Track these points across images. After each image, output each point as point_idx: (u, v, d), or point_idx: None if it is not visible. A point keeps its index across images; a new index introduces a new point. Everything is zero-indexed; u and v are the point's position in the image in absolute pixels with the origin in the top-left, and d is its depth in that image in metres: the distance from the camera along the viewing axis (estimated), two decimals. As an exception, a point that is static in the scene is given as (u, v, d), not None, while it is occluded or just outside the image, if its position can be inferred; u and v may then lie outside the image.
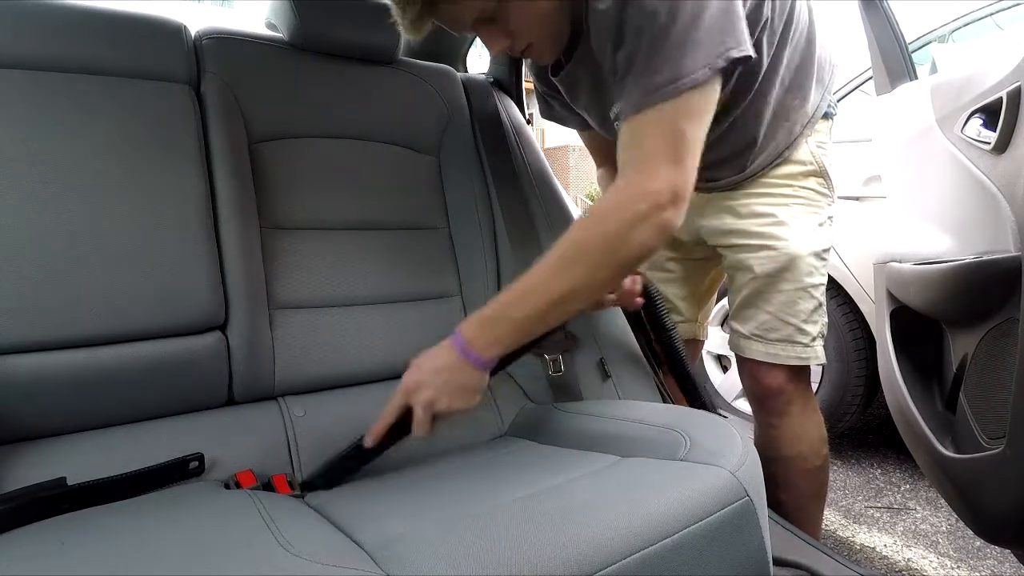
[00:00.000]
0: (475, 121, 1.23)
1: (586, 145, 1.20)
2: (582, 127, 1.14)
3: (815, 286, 1.09)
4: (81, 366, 0.80)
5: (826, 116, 1.10)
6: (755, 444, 1.19)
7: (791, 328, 1.08)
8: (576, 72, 0.96)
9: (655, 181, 0.76)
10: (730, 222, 1.12)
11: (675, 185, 0.77)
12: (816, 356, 1.10)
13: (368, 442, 0.82)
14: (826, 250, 1.11)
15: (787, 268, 1.07)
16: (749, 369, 1.14)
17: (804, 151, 1.08)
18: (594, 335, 1.12)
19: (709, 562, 0.67)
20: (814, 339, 1.10)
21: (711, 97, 0.79)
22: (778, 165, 1.08)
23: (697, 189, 1.11)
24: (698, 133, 0.79)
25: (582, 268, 0.77)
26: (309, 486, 0.85)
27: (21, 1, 0.86)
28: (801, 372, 1.12)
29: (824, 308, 1.12)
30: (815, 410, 1.16)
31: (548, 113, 1.15)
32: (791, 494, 1.15)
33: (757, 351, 1.11)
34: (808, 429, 1.14)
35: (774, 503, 1.17)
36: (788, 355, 1.09)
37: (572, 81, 0.99)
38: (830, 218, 1.12)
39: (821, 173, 1.09)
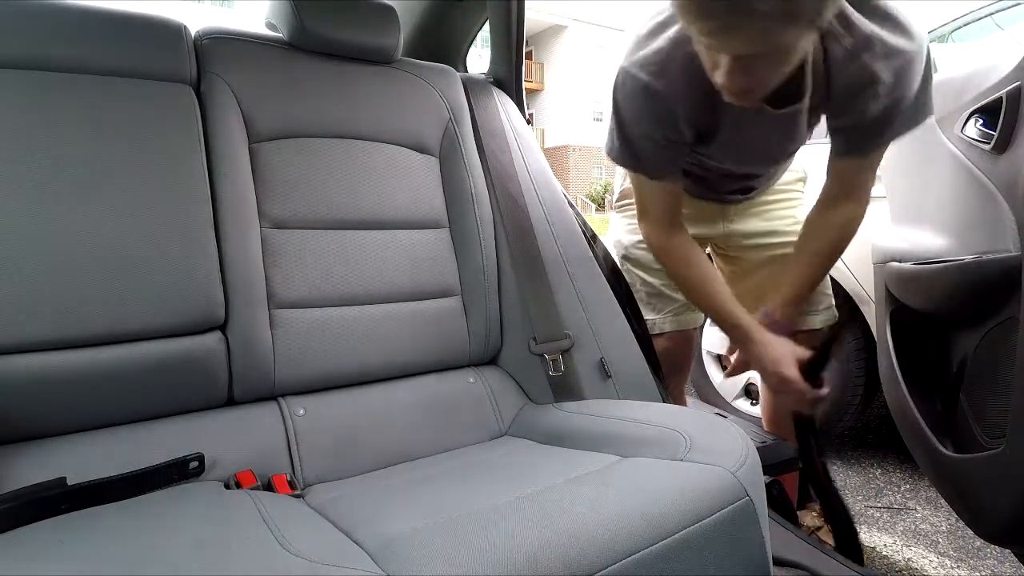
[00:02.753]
0: (475, 121, 1.23)
1: (655, 198, 1.14)
2: (672, 172, 1.11)
3: None
4: (81, 366, 0.80)
5: None
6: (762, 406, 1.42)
7: (821, 296, 1.34)
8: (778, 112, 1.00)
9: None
10: (761, 225, 1.34)
11: None
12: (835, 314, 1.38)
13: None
14: None
15: None
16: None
17: (796, 162, 1.31)
18: (594, 335, 1.12)
19: (709, 562, 0.67)
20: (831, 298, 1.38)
21: None
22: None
23: (727, 201, 1.32)
24: None
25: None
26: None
27: (21, 1, 0.86)
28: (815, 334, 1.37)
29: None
30: None
31: (628, 158, 1.10)
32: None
33: (814, 322, 1.33)
34: None
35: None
36: (823, 319, 1.34)
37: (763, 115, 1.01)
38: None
39: (804, 178, 1.39)
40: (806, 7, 0.75)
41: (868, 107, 0.96)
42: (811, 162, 1.35)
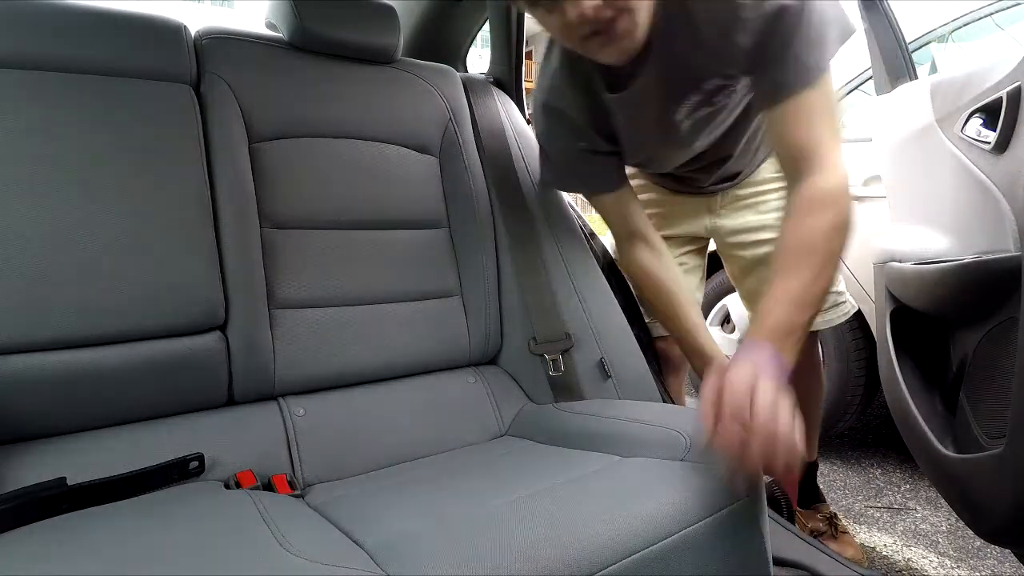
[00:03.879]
0: (475, 121, 1.23)
1: (607, 213, 1.10)
2: (609, 184, 1.07)
3: None
4: (81, 366, 0.80)
5: None
6: None
7: (833, 294, 1.23)
8: (647, 83, 0.93)
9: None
10: (753, 219, 1.21)
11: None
12: (853, 305, 1.29)
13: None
14: None
15: None
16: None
17: None
18: (594, 335, 1.12)
19: (709, 562, 0.67)
20: (844, 291, 1.28)
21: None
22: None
23: (711, 192, 1.21)
24: None
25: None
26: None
27: (21, 1, 0.86)
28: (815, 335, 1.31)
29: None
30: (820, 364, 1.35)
31: (561, 180, 1.10)
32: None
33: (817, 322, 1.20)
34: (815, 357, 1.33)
35: None
36: (829, 318, 1.25)
37: (642, 92, 0.94)
38: None
39: None
40: None
41: (740, 40, 0.84)
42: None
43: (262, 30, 1.12)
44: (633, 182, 1.33)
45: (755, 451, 0.65)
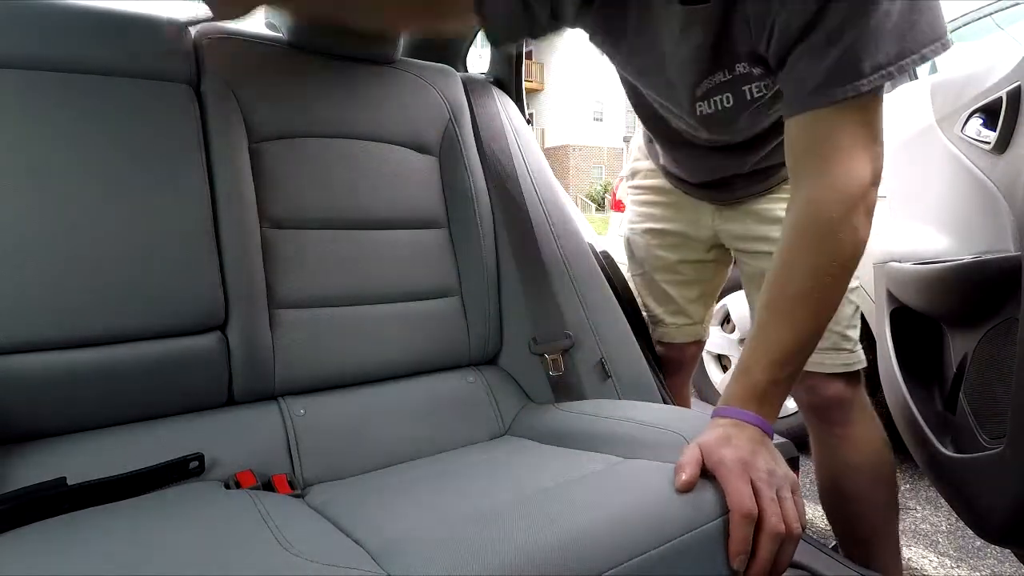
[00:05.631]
0: (475, 121, 1.23)
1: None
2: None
3: (850, 289, 1.04)
4: (81, 366, 0.80)
5: None
6: (817, 461, 1.15)
7: (835, 336, 1.05)
8: (711, 13, 0.76)
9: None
10: (754, 228, 1.10)
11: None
12: (860, 360, 1.08)
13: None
14: None
15: None
16: (803, 380, 1.08)
17: None
18: (594, 335, 1.12)
19: (710, 564, 0.67)
20: (856, 344, 1.07)
21: None
22: None
23: (720, 202, 1.13)
24: None
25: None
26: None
27: (21, 1, 0.86)
28: (857, 376, 1.09)
29: (860, 310, 1.10)
30: (874, 415, 1.12)
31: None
32: (865, 504, 1.10)
33: (809, 361, 1.08)
34: (873, 434, 1.11)
35: (847, 519, 1.12)
36: (835, 363, 1.06)
37: (701, 22, 0.78)
38: None
39: None
40: None
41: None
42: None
43: (262, 30, 1.12)
44: (642, 165, 1.26)
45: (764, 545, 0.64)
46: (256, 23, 1.17)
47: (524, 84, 1.49)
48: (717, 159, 1.04)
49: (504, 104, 1.32)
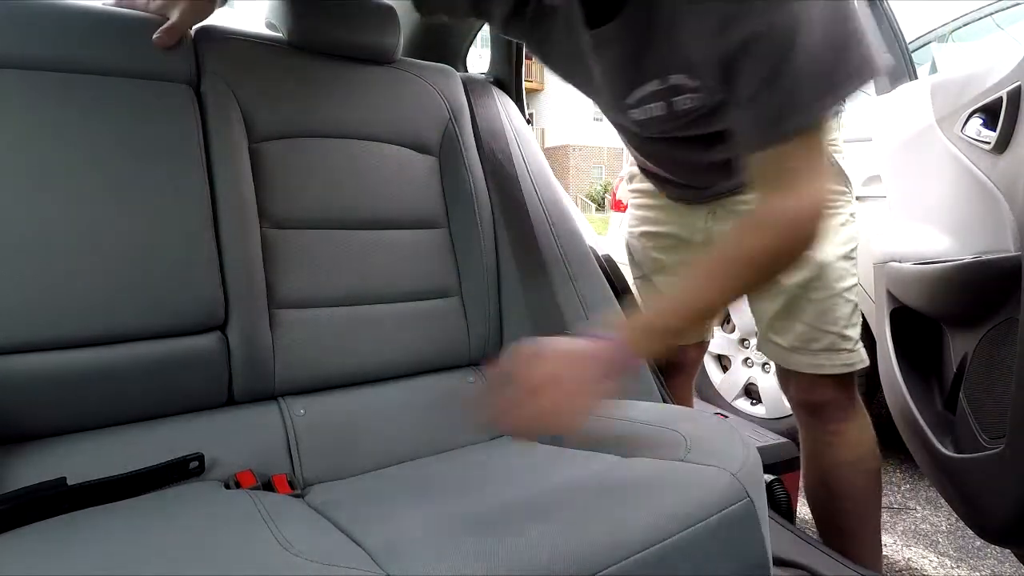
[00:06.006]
0: (475, 121, 1.23)
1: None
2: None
3: (848, 289, 1.05)
4: (81, 366, 0.80)
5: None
6: (806, 455, 1.17)
7: (832, 336, 1.05)
8: (620, 33, 0.77)
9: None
10: None
11: None
12: (862, 360, 1.08)
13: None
14: (853, 249, 1.07)
15: (816, 276, 1.03)
16: (796, 381, 1.10)
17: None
18: (594, 335, 1.12)
19: (710, 563, 0.67)
20: (856, 343, 1.07)
21: None
22: None
23: (704, 199, 1.12)
24: None
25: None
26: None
27: (20, 1, 0.86)
28: (850, 376, 1.09)
29: (859, 308, 1.09)
30: (864, 413, 1.13)
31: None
32: (854, 500, 1.12)
33: (802, 363, 1.06)
34: (866, 432, 1.12)
35: (833, 514, 1.14)
36: (834, 364, 1.06)
37: (610, 41, 0.79)
38: (852, 215, 1.08)
39: (835, 170, 1.05)
40: None
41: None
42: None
43: (262, 30, 1.12)
44: (637, 169, 1.24)
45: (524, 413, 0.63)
46: (256, 23, 1.17)
47: (524, 84, 1.48)
48: (682, 151, 1.00)
49: (504, 104, 1.32)
